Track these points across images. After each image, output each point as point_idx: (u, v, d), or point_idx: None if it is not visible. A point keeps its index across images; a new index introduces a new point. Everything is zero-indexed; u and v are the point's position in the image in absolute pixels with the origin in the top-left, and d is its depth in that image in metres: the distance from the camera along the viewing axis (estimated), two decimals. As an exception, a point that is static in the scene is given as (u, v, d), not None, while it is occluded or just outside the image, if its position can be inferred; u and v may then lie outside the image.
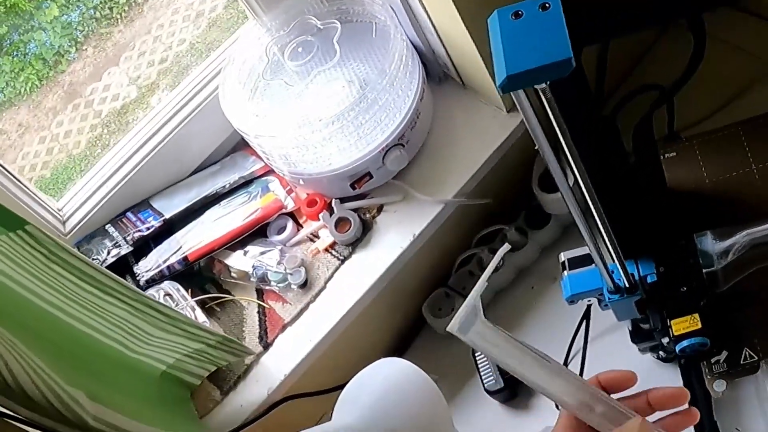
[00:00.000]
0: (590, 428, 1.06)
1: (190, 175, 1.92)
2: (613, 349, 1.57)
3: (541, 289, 1.77)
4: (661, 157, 1.58)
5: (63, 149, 4.88)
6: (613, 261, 1.28)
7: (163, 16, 4.96)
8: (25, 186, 1.77)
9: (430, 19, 1.62)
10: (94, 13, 5.19)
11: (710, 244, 1.37)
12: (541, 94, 0.99)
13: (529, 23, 0.98)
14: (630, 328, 1.47)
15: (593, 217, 1.19)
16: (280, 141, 1.64)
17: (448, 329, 1.00)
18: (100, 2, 5.19)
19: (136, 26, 5.12)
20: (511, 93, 0.98)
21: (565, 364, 1.59)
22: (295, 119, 1.64)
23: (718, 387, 1.39)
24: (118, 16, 5.19)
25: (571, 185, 1.13)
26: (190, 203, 1.83)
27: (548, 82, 0.96)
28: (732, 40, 1.81)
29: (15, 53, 5.11)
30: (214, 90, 1.83)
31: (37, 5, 5.11)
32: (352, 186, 1.71)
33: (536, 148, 1.08)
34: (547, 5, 0.99)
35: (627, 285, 1.34)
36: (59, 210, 1.87)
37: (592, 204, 1.17)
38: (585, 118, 1.18)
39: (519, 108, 1.01)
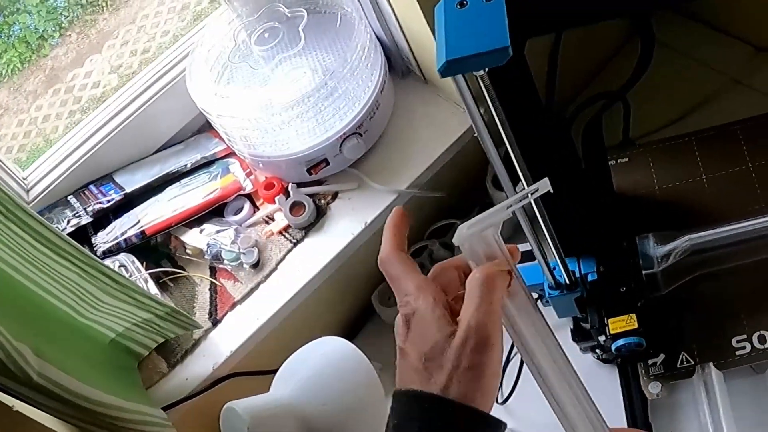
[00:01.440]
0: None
1: (154, 153, 1.94)
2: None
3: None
4: (614, 162, 1.62)
5: (40, 133, 4.87)
6: (555, 258, 1.32)
7: (148, 7, 4.96)
8: (-8, 152, 1.79)
9: (394, 12, 1.66)
10: None
11: (652, 247, 1.41)
12: (479, 81, 1.03)
13: (472, 13, 1.03)
14: (571, 327, 1.50)
15: (537, 218, 1.23)
16: (241, 122, 1.68)
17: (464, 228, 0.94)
18: (87, -11, 5.19)
19: (121, 15, 5.12)
20: (452, 78, 1.03)
21: (507, 360, 1.61)
22: (258, 102, 1.68)
23: (653, 389, 1.43)
24: (104, 4, 5.19)
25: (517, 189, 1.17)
26: (152, 179, 1.86)
27: (486, 70, 1.01)
28: (691, 53, 1.85)
29: (-1, 35, 5.10)
30: (182, 71, 1.85)
31: (23, -12, 5.11)
32: (309, 171, 1.74)
33: (475, 135, 1.12)
34: None
35: (568, 282, 1.38)
36: (24, 179, 1.89)
37: (536, 206, 1.22)
38: (532, 118, 1.21)
39: (459, 93, 1.05)
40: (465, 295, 0.88)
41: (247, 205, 1.82)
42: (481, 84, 1.04)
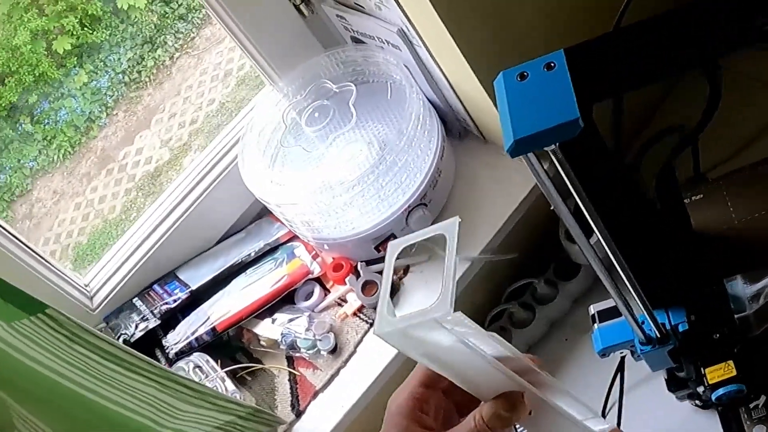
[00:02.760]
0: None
1: (216, 243, 1.92)
2: (651, 397, 1.53)
3: (574, 340, 1.74)
4: (688, 200, 1.55)
5: (98, 214, 4.92)
6: (642, 312, 1.26)
7: (191, 77, 4.99)
8: (51, 264, 1.78)
9: (445, 76, 1.61)
10: (123, 77, 5.24)
11: (741, 288, 1.34)
12: (551, 155, 0.97)
13: (534, 84, 0.97)
14: (665, 377, 1.44)
15: (617, 271, 1.17)
16: (302, 208, 1.63)
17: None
18: (128, 67, 5.25)
19: (165, 88, 5.17)
20: (523, 156, 0.97)
21: (603, 415, 1.56)
22: (316, 185, 1.63)
23: (757, 432, 1.36)
24: (147, 80, 5.24)
25: (593, 244, 1.11)
26: (217, 273, 1.83)
27: (558, 144, 0.95)
28: (755, 75, 1.78)
29: (46, 121, 5.17)
30: (234, 158, 1.82)
31: (65, 73, 5.18)
32: (377, 249, 1.69)
33: (552, 209, 1.06)
34: (552, 64, 0.97)
35: (658, 335, 1.31)
36: (86, 286, 1.87)
37: (616, 260, 1.15)
38: (603, 174, 1.16)
39: (531, 171, 0.99)
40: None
41: (318, 289, 1.77)
42: (553, 158, 0.98)
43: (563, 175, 1.02)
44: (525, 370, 0.91)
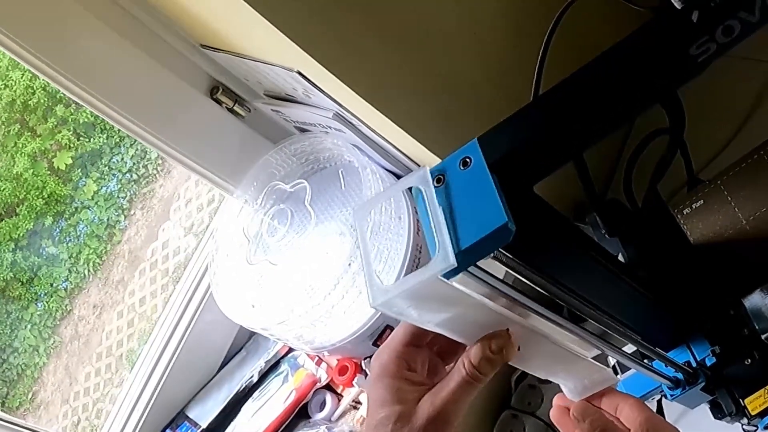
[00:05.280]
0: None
1: (220, 368, 1.85)
2: (700, 427, 1.41)
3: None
4: (689, 209, 1.43)
5: (142, 317, 4.89)
6: (656, 359, 1.17)
7: (198, 158, 4.92)
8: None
9: (396, 148, 1.51)
10: (131, 176, 5.21)
11: (761, 300, 1.23)
12: (496, 261, 0.86)
13: (453, 188, 0.84)
14: (708, 406, 1.31)
15: (616, 336, 1.08)
16: (288, 325, 1.53)
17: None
18: (133, 164, 5.21)
19: (175, 176, 5.13)
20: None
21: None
22: (295, 297, 1.53)
23: (816, 448, 1.25)
24: (155, 172, 5.21)
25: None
26: (224, 404, 1.77)
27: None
28: (733, 51, 1.65)
29: (67, 239, 5.15)
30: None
31: (74, 186, 5.15)
32: (375, 344, 1.58)
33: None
34: (467, 160, 0.84)
35: (685, 376, 1.21)
36: None
37: (615, 332, 1.07)
38: (574, 249, 1.04)
39: (477, 282, 0.87)
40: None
41: (329, 397, 1.68)
42: (498, 264, 0.86)
43: (519, 277, 0.91)
44: (509, 305, 0.89)
